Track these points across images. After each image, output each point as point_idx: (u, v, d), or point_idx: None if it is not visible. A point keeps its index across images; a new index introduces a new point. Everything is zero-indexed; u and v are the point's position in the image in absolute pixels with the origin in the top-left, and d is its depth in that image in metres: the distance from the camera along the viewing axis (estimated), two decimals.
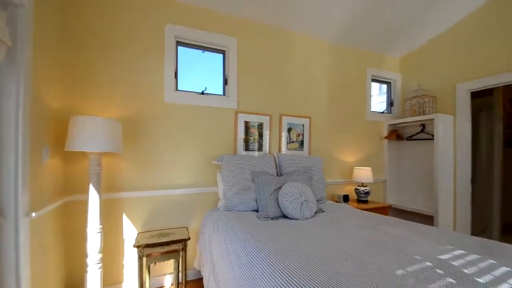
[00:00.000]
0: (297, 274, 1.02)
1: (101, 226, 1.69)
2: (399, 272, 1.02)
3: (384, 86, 3.65)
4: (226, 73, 2.47)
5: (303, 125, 2.81)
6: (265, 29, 2.64)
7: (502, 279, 1.00)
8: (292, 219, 1.88)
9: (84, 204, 1.74)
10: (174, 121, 2.23)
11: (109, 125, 1.60)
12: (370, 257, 1.17)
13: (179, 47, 2.31)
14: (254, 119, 2.54)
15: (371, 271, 1.03)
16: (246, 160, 2.20)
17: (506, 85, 2.71)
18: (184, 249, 1.95)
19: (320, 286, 0.93)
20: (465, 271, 1.05)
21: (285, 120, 2.70)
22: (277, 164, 2.43)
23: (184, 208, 2.26)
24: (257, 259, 1.21)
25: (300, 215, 1.87)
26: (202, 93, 2.37)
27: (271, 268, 1.10)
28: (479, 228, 3.19)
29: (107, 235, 1.94)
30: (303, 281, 0.97)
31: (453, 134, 2.91)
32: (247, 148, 2.52)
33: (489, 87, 2.71)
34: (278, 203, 1.95)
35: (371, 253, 1.22)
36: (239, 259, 1.30)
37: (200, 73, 2.46)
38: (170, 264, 2.18)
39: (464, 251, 1.27)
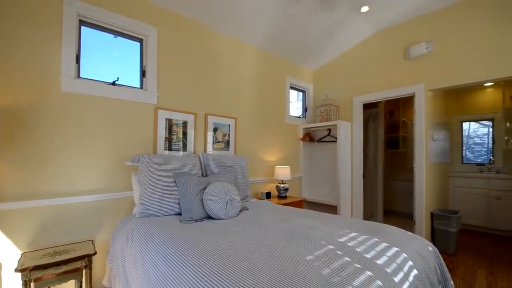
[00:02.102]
0: (216, 273, 1.00)
1: None
2: (308, 257, 1.15)
3: (301, 94, 4.09)
4: (144, 64, 2.24)
5: (229, 125, 2.84)
6: (192, 25, 2.53)
7: (382, 253, 1.25)
8: (218, 219, 1.86)
9: None
10: (75, 114, 1.86)
11: None
12: (284, 247, 1.27)
13: (83, 27, 1.95)
14: (177, 117, 2.39)
15: (284, 259, 1.13)
16: (167, 160, 2.04)
17: (386, 100, 3.50)
18: (88, 266, 1.65)
19: (235, 280, 0.95)
20: (357, 249, 1.27)
21: (211, 120, 2.66)
22: (202, 164, 2.37)
23: (89, 218, 1.92)
24: (176, 264, 1.14)
25: (225, 214, 1.87)
26: (114, 83, 2.07)
27: (190, 271, 1.05)
28: (369, 213, 3.96)
29: None
30: (221, 279, 0.96)
31: (350, 137, 3.53)
32: (170, 148, 2.35)
33: (374, 101, 3.43)
34: (203, 204, 1.89)
35: (286, 243, 1.33)
36: (156, 268, 1.19)
37: (112, 61, 2.15)
38: (70, 285, 1.80)
39: (357, 233, 1.53)
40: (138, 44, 2.25)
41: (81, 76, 1.93)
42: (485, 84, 3.99)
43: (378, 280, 0.99)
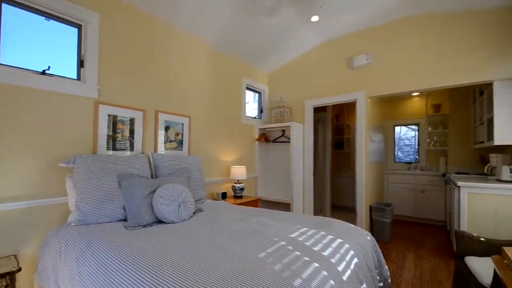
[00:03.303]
0: (164, 279, 0.95)
1: None
2: (261, 254, 1.17)
3: (257, 95, 4.16)
4: (83, 53, 2.00)
5: (183, 124, 2.72)
6: (142, 15, 2.35)
7: (328, 245, 1.35)
8: (169, 223, 1.76)
9: None
10: None
11: None
12: (238, 246, 1.27)
13: (4, 5, 1.65)
14: (123, 114, 2.19)
15: (237, 258, 1.12)
16: (110, 161, 1.85)
17: (333, 105, 3.81)
18: (11, 285, 1.40)
19: (183, 284, 0.92)
20: (306, 243, 1.34)
21: (162, 118, 2.51)
22: (152, 165, 2.22)
23: (12, 230, 1.62)
24: (119, 275, 1.04)
25: (178, 217, 1.78)
26: (44, 73, 1.79)
27: (135, 281, 0.97)
28: (319, 209, 4.24)
29: None
30: (169, 284, 0.91)
31: (302, 138, 3.73)
32: (114, 147, 2.14)
33: (323, 105, 3.70)
34: (152, 208, 1.77)
35: (240, 242, 1.33)
36: (95, 281, 1.06)
37: (43, 47, 1.86)
38: None
39: (307, 228, 1.62)
40: (76, 30, 1.99)
41: (1, 62, 1.63)
42: (412, 94, 4.66)
43: (324, 271, 1.06)
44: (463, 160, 4.08)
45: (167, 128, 2.56)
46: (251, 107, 4.16)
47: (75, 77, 1.98)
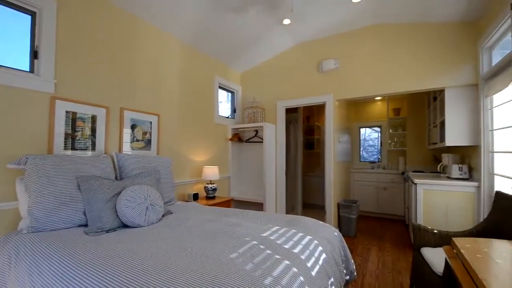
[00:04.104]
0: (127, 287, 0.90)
1: None
2: (233, 255, 1.16)
3: (230, 94, 4.14)
4: (37, 43, 1.81)
5: (151, 122, 2.60)
6: (108, 6, 2.20)
7: (298, 242, 1.38)
8: (135, 227, 1.67)
9: None
10: None
11: None
12: (209, 248, 1.24)
13: None
14: (83, 110, 2.03)
15: (207, 260, 1.10)
16: (68, 161, 1.70)
17: (304, 106, 3.92)
18: None
19: None
20: (278, 242, 1.36)
21: (128, 115, 2.38)
22: (117, 166, 2.08)
23: None
24: (78, 285, 0.96)
25: (145, 221, 1.69)
26: None
27: None
28: (291, 207, 4.34)
29: None
30: None
31: (275, 138, 3.78)
32: (73, 147, 1.97)
33: (295, 106, 3.79)
34: (116, 211, 1.66)
35: (211, 244, 1.31)
36: None
37: None
38: None
39: (278, 226, 1.64)
40: (29, 17, 1.80)
41: None
42: (376, 98, 4.99)
43: (294, 267, 1.08)
44: (420, 159, 4.47)
45: (133, 127, 2.42)
46: (225, 107, 4.12)
47: (27, 69, 1.78)
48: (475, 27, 2.59)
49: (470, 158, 2.84)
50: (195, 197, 2.94)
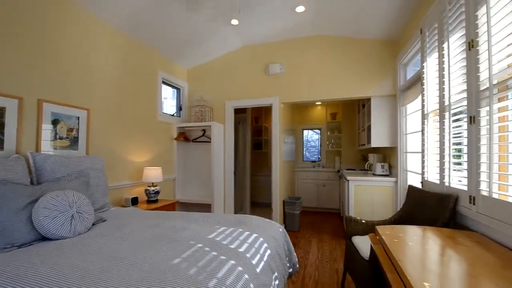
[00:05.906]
0: None
1: None
2: (176, 260, 1.09)
3: (175, 91, 3.92)
4: None
5: (79, 117, 2.26)
6: None
7: (244, 241, 1.39)
8: (58, 239, 1.42)
9: None
10: None
11: None
12: (149, 256, 1.14)
13: None
14: None
15: (147, 268, 1.01)
16: None
17: (253, 107, 4.00)
18: None
19: None
20: (224, 242, 1.35)
21: (49, 108, 2.01)
22: (33, 168, 1.75)
23: None
24: None
25: (70, 231, 1.46)
26: None
27: None
28: (239, 206, 4.35)
29: None
30: None
31: (223, 138, 3.75)
32: None
33: (243, 107, 3.83)
34: (32, 222, 1.39)
35: (151, 251, 1.21)
36: None
37: None
38: None
39: (225, 227, 1.63)
40: None
41: None
42: (316, 103, 5.43)
43: (239, 266, 1.08)
44: (352, 159, 5.06)
45: (55, 122, 2.07)
46: (170, 104, 3.89)
47: None
48: (396, 45, 3.06)
49: (390, 157, 3.34)
50: (134, 201, 2.69)
